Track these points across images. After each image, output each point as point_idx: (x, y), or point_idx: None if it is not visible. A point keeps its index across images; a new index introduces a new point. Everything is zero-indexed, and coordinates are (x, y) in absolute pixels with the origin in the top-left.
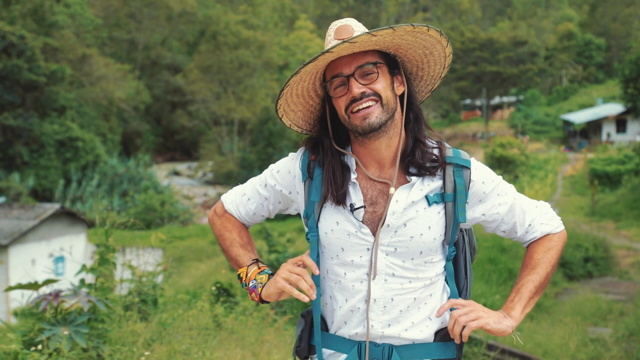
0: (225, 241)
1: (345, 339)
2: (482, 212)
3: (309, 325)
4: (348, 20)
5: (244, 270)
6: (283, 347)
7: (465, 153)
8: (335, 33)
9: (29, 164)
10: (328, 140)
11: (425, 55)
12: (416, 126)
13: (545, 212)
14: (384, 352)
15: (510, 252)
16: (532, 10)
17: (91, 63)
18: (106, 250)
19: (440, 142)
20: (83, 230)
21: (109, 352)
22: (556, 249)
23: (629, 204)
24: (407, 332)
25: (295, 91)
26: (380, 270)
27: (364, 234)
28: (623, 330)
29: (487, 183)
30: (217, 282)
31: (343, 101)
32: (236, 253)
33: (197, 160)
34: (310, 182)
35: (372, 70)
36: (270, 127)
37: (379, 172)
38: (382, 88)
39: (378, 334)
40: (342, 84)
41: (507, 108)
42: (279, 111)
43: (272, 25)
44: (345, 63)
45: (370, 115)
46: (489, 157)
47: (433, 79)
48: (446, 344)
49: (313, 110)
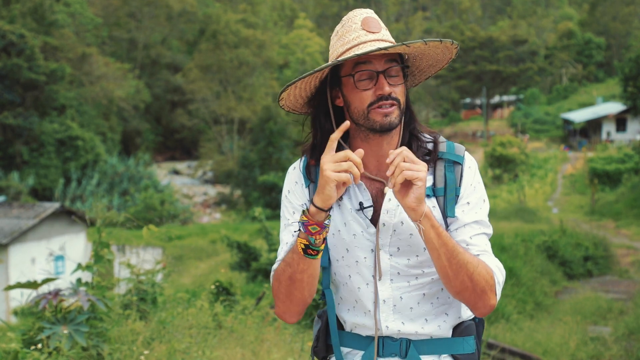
0: (281, 272)
1: (361, 336)
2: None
3: (325, 324)
4: (369, 10)
5: (297, 241)
6: (283, 345)
7: (461, 147)
8: (363, 24)
9: (28, 163)
10: (328, 125)
11: (429, 66)
12: (412, 123)
13: (497, 264)
14: (402, 346)
15: (510, 251)
16: (532, 9)
17: (91, 62)
18: (100, 247)
19: (436, 137)
20: (83, 229)
21: (109, 351)
22: (481, 271)
23: (628, 203)
24: (423, 329)
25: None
26: (385, 270)
27: (370, 233)
28: (623, 329)
29: (473, 187)
30: (217, 281)
31: (367, 96)
32: (287, 256)
33: (197, 159)
34: (313, 186)
35: (398, 73)
36: (270, 126)
37: (377, 170)
38: (402, 93)
39: (394, 332)
40: (369, 78)
41: (507, 107)
42: (283, 93)
43: (271, 24)
44: (375, 58)
45: (391, 114)
46: (488, 156)
47: (413, 84)
48: (465, 338)
49: (307, 89)
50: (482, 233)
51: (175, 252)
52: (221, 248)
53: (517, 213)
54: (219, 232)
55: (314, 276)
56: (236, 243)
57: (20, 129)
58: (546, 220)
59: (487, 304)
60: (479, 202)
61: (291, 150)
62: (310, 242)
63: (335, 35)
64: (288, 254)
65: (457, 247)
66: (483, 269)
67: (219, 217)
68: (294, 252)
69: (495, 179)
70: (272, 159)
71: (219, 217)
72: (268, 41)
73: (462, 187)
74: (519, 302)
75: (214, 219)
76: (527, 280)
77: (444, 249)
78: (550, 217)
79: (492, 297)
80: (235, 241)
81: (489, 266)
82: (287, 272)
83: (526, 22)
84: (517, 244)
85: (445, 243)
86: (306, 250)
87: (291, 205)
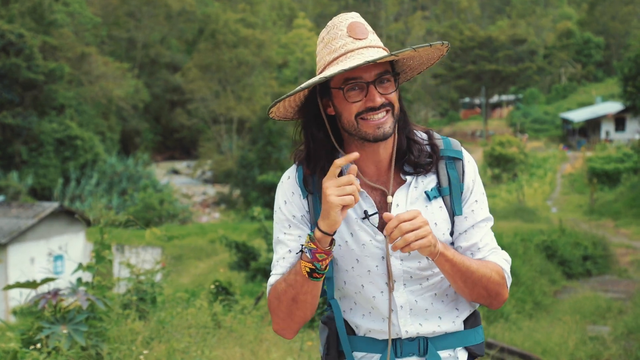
0: (282, 291)
1: (376, 340)
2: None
3: (334, 331)
4: (354, 15)
5: (300, 264)
6: (282, 345)
7: (456, 141)
8: (349, 31)
9: (27, 162)
10: (321, 135)
11: (420, 64)
12: (406, 125)
13: (504, 257)
14: (420, 345)
15: (509, 250)
16: (531, 9)
17: (90, 61)
18: (102, 248)
19: (429, 133)
20: (82, 228)
21: (108, 351)
22: (494, 278)
23: (627, 203)
24: (440, 327)
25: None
26: (398, 276)
27: (379, 241)
28: (622, 328)
29: (475, 182)
30: (216, 281)
31: (356, 107)
32: (289, 276)
33: (196, 158)
34: (313, 197)
35: (389, 80)
36: (269, 126)
37: (377, 176)
38: (395, 98)
39: (413, 334)
40: (359, 88)
41: (506, 106)
42: (273, 108)
43: (270, 24)
44: (366, 68)
45: (384, 124)
46: (488, 156)
47: (404, 80)
48: (475, 329)
49: (297, 99)
50: (488, 229)
51: (175, 252)
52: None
53: (516, 212)
54: (218, 232)
55: (317, 296)
56: (234, 243)
57: (19, 129)
58: (545, 219)
59: (501, 301)
60: (482, 197)
61: (290, 149)
62: (316, 267)
63: (322, 42)
64: (290, 275)
65: (470, 267)
66: (496, 275)
67: (218, 217)
68: (297, 274)
69: (495, 179)
70: (271, 159)
71: (218, 216)
72: (267, 41)
73: (465, 182)
74: (518, 302)
75: (213, 219)
76: (526, 280)
77: (459, 275)
78: (549, 216)
79: (505, 293)
80: (234, 241)
81: (499, 265)
82: (289, 293)
83: (525, 21)
84: (516, 243)
85: (459, 270)
86: (311, 274)
87: (285, 218)
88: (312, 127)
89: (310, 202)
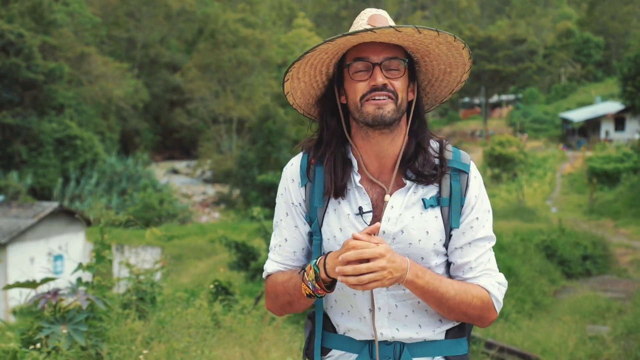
0: (280, 293)
1: (354, 340)
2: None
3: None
4: (380, 10)
5: (301, 284)
6: (282, 345)
7: (467, 155)
8: (370, 20)
9: (27, 162)
10: (334, 123)
11: (444, 72)
12: (420, 132)
13: (498, 280)
14: (395, 350)
15: (508, 250)
16: (531, 9)
17: (90, 61)
18: (101, 248)
19: (442, 143)
20: (82, 228)
21: (108, 351)
22: (475, 304)
23: (627, 202)
24: (418, 334)
25: (309, 63)
26: None
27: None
28: (621, 328)
29: (479, 199)
30: (216, 281)
31: (361, 87)
32: (288, 285)
33: (195, 158)
34: (311, 186)
35: (398, 67)
36: (269, 126)
37: (379, 173)
38: (401, 88)
39: (388, 338)
40: (365, 69)
41: (506, 106)
42: (285, 84)
43: (270, 24)
44: (374, 50)
45: (384, 106)
46: (487, 156)
47: (436, 100)
48: (458, 340)
49: (315, 88)
50: (487, 250)
51: (174, 252)
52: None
53: (516, 212)
54: (218, 232)
55: (312, 302)
56: (234, 243)
57: (19, 129)
58: (545, 219)
59: (486, 323)
60: (485, 215)
61: (290, 149)
62: (315, 295)
63: None
64: (289, 283)
65: (446, 294)
66: (478, 301)
67: (217, 217)
68: (296, 289)
69: (494, 178)
70: (270, 159)
71: (217, 216)
72: (267, 40)
73: (467, 197)
74: (518, 302)
75: (213, 219)
76: (526, 280)
77: (432, 300)
78: (549, 216)
79: (490, 316)
80: (233, 241)
81: (486, 289)
82: (286, 298)
83: (525, 21)
84: (515, 243)
85: (432, 296)
86: (310, 296)
87: (285, 203)
88: (327, 115)
89: (308, 191)
